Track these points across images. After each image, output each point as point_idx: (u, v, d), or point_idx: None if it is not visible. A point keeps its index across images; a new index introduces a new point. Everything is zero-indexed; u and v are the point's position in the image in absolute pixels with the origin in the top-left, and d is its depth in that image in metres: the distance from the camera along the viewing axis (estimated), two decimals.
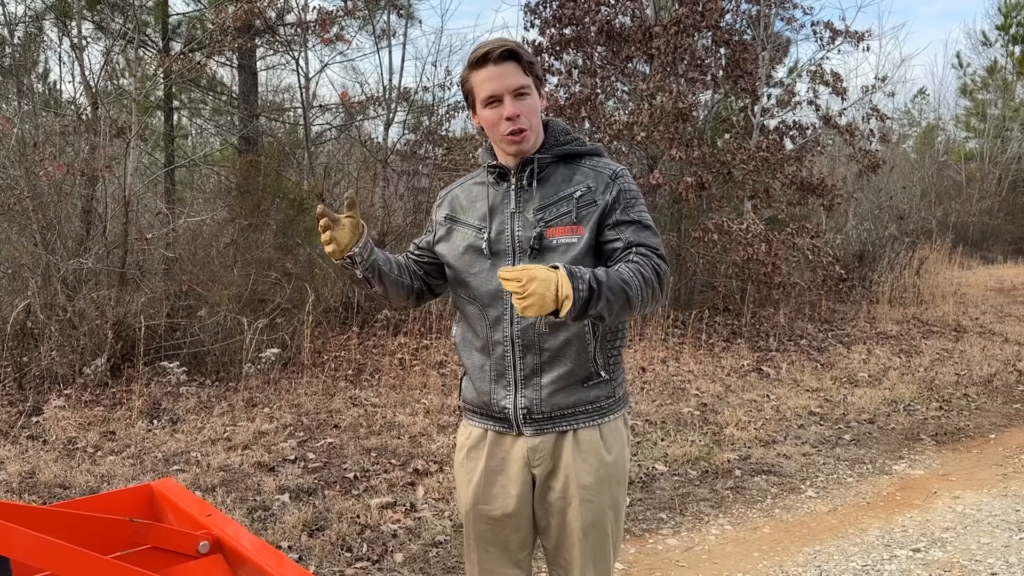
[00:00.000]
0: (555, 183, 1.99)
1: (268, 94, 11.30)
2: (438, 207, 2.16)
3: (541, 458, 2.02)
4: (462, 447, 2.14)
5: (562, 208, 1.96)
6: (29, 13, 8.42)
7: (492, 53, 1.91)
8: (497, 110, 1.93)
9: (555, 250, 1.94)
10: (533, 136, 1.97)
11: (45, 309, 5.99)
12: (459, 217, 2.08)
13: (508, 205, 2.01)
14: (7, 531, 1.38)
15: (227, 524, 1.79)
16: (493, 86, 1.92)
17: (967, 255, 15.21)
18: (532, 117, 1.95)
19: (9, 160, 6.44)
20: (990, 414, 6.14)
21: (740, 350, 7.81)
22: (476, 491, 2.07)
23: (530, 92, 1.95)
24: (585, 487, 2.00)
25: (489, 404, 2.04)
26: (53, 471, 4.31)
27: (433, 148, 9.40)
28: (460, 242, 2.05)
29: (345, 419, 5.40)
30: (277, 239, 7.78)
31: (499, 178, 2.04)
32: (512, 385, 2.00)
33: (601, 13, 8.64)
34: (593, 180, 1.98)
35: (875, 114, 9.93)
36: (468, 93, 2.00)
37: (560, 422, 1.99)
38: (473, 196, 2.08)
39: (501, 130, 1.94)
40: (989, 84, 22.11)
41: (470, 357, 2.09)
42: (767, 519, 4.15)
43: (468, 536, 2.14)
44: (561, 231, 1.95)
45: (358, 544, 3.65)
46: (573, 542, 2.02)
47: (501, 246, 1.99)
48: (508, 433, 2.04)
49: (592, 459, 2.01)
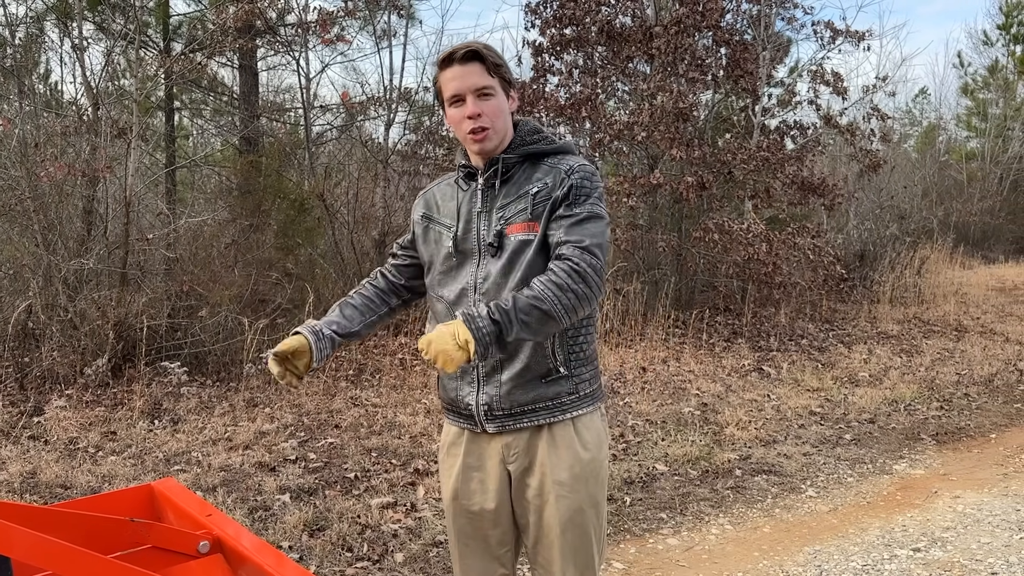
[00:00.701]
0: (518, 182, 2.02)
1: (269, 94, 11.32)
2: (416, 206, 2.21)
3: (516, 454, 2.04)
4: (443, 444, 2.19)
5: (520, 205, 1.99)
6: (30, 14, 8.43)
7: (456, 53, 1.96)
8: (460, 109, 1.98)
9: (511, 247, 1.97)
10: (497, 136, 2.00)
11: (46, 309, 6.00)
12: (434, 216, 2.13)
13: (475, 205, 2.04)
14: (8, 531, 1.38)
15: (228, 524, 1.80)
16: (456, 85, 1.96)
17: (968, 255, 15.21)
18: (496, 118, 1.98)
19: (10, 161, 6.45)
20: (991, 414, 6.14)
21: (741, 350, 7.81)
22: (455, 486, 2.11)
23: (494, 93, 1.98)
24: (560, 483, 2.00)
25: (456, 401, 2.07)
26: (54, 471, 4.32)
27: (434, 148, 9.40)
28: (432, 241, 2.11)
29: (346, 419, 5.41)
30: (278, 239, 7.79)
31: (468, 178, 2.08)
32: (475, 382, 2.03)
33: (601, 13, 8.64)
34: (551, 177, 1.99)
35: (876, 114, 9.92)
36: (438, 93, 2.05)
37: (520, 418, 2.00)
38: (447, 196, 2.13)
39: (463, 128, 1.99)
40: (990, 83, 22.09)
41: None
42: (767, 519, 4.15)
43: (450, 530, 2.18)
44: (518, 228, 1.97)
45: (359, 544, 3.65)
46: (552, 540, 2.02)
47: (468, 245, 2.03)
48: (474, 430, 2.07)
49: (567, 455, 2.01)
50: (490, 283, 1.98)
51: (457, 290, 2.03)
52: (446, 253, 2.06)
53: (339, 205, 9.08)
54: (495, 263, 1.98)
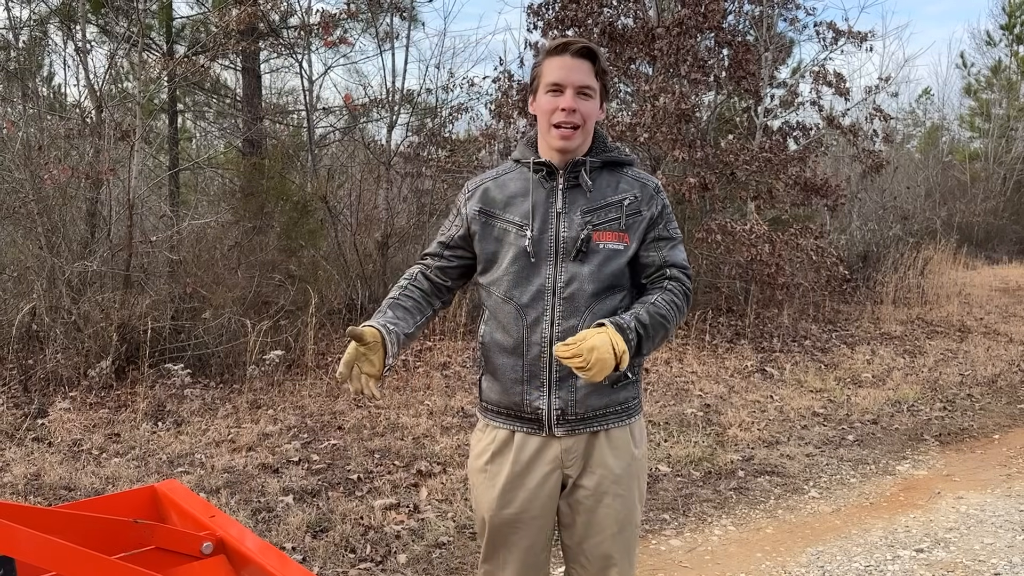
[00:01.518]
0: (601, 188, 2.00)
1: (272, 97, 11.34)
2: (468, 199, 2.08)
3: (574, 458, 2.02)
4: (484, 451, 2.08)
5: (611, 214, 1.98)
6: (34, 17, 8.46)
7: (572, 45, 1.94)
8: (556, 98, 1.94)
9: (600, 254, 1.96)
10: (580, 138, 1.97)
11: (50, 312, 6.02)
12: (495, 212, 2.03)
13: (554, 204, 1.99)
14: (13, 532, 1.39)
15: (231, 525, 1.80)
16: (561, 75, 1.93)
17: (972, 255, 15.15)
18: (587, 119, 1.96)
19: (14, 163, 6.46)
20: (994, 414, 6.13)
21: (744, 351, 7.81)
22: (502, 497, 2.03)
23: (593, 96, 1.96)
24: (617, 481, 2.02)
25: (520, 405, 2.00)
26: (58, 473, 4.33)
27: (436, 150, 9.40)
28: (498, 239, 2.02)
29: (349, 421, 5.41)
30: (281, 241, 7.80)
31: (547, 176, 2.01)
32: (545, 386, 1.98)
33: (603, 15, 8.64)
34: (639, 191, 2.02)
35: (879, 114, 9.90)
36: (535, 77, 2.00)
37: (592, 423, 2.00)
38: (510, 191, 2.04)
39: (552, 119, 1.94)
40: (993, 84, 22.04)
41: (500, 357, 2.03)
42: (770, 520, 4.15)
43: (489, 542, 2.08)
44: (609, 236, 1.97)
45: (362, 545, 3.66)
46: (605, 538, 2.03)
47: (544, 246, 1.97)
48: (537, 434, 2.01)
49: (624, 456, 2.04)
50: (575, 287, 1.95)
51: (532, 291, 1.97)
52: (519, 252, 1.98)
53: (342, 207, 9.10)
54: (580, 267, 1.95)
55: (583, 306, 1.95)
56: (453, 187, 9.35)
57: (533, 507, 2.03)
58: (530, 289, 1.97)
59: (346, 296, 8.20)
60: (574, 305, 1.95)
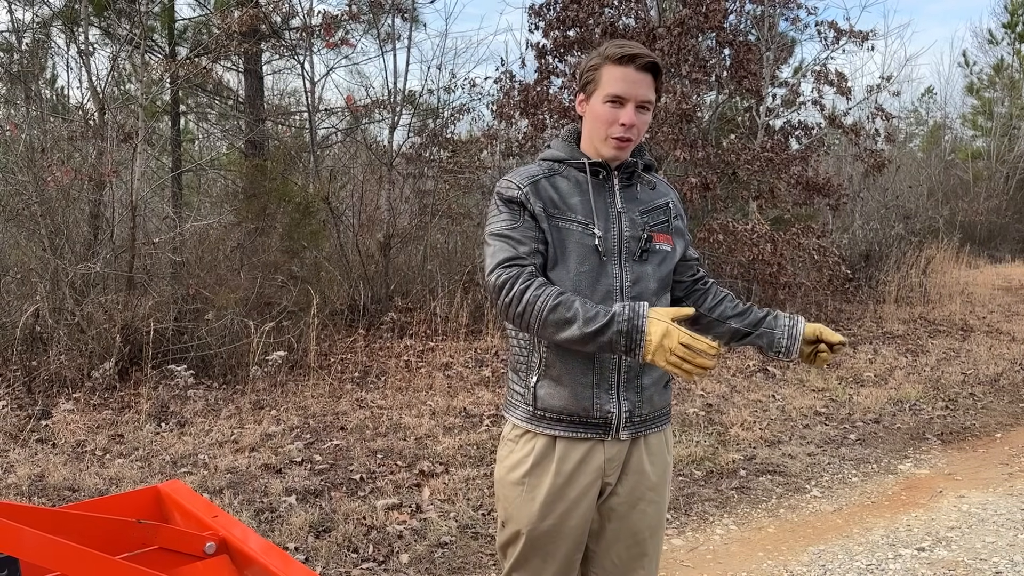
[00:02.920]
0: (646, 190, 2.06)
1: (274, 98, 11.35)
2: (527, 197, 1.93)
3: (615, 467, 2.00)
4: (520, 463, 1.99)
5: (660, 216, 2.04)
6: (37, 20, 8.48)
7: (640, 58, 1.90)
8: (616, 111, 1.92)
9: (658, 254, 2.00)
10: (631, 148, 2.00)
11: (54, 313, 6.04)
12: (558, 213, 1.95)
13: (614, 203, 1.98)
14: (17, 532, 1.40)
15: (234, 525, 1.81)
16: (624, 88, 1.91)
17: (974, 254, 15.14)
18: (642, 132, 1.99)
19: (17, 165, 6.49)
20: (996, 413, 6.13)
21: (745, 350, 7.81)
22: (544, 508, 1.97)
23: (650, 109, 1.98)
24: (653, 489, 2.04)
25: (588, 409, 1.94)
26: (62, 474, 4.34)
27: (438, 151, 9.42)
28: (562, 239, 1.93)
29: (351, 421, 5.43)
30: (283, 242, 7.81)
31: (605, 176, 2.00)
32: (614, 389, 1.95)
33: (605, 15, 8.65)
34: (674, 195, 2.11)
35: (880, 113, 9.90)
36: (591, 80, 1.95)
37: (651, 424, 2.02)
38: (564, 191, 1.97)
39: (611, 131, 1.94)
40: (996, 82, 22.01)
41: (567, 361, 1.93)
42: (772, 519, 4.16)
43: (527, 553, 2.02)
44: (662, 238, 2.02)
45: (364, 545, 3.67)
46: (640, 541, 2.04)
47: (609, 244, 1.95)
48: (591, 439, 1.96)
49: (659, 460, 2.06)
50: (641, 287, 1.95)
51: (602, 292, 1.92)
52: (587, 252, 1.92)
53: (344, 208, 9.11)
54: (643, 267, 1.97)
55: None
56: (455, 188, 9.37)
57: (573, 517, 1.98)
58: (600, 289, 1.92)
59: (348, 297, 8.21)
60: None
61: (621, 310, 1.77)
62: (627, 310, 1.76)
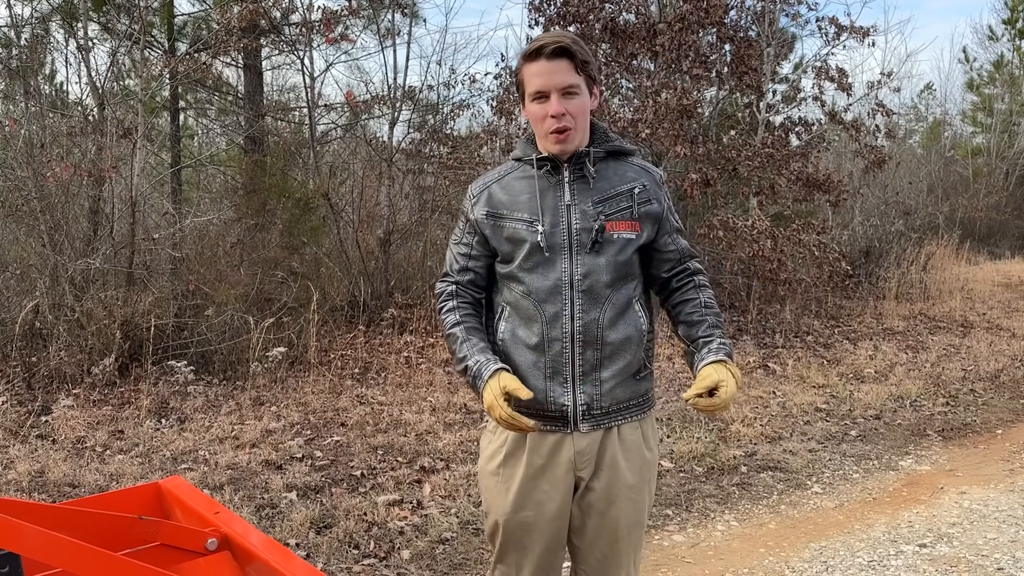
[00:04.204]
0: (608, 177, 2.00)
1: (273, 94, 11.32)
2: (474, 204, 2.06)
3: (587, 460, 2.00)
4: (496, 453, 2.06)
5: (622, 203, 1.99)
6: (36, 15, 8.46)
7: (545, 48, 1.90)
8: (543, 106, 1.93)
9: (614, 244, 1.96)
10: (578, 135, 1.97)
11: (53, 309, 6.03)
12: (503, 212, 2.02)
13: (562, 198, 1.98)
14: (18, 529, 1.40)
15: (235, 522, 1.81)
16: (542, 82, 1.91)
17: (974, 250, 15.12)
18: (579, 116, 1.94)
19: (17, 161, 6.47)
20: (997, 409, 6.13)
21: (746, 347, 7.80)
22: (517, 499, 2.01)
23: (579, 91, 1.94)
24: (630, 486, 2.01)
25: (543, 403, 1.97)
26: (62, 470, 4.34)
27: (438, 147, 9.40)
28: (510, 239, 2.00)
29: (352, 417, 5.42)
30: (283, 238, 7.81)
31: (552, 171, 2.00)
32: (569, 382, 1.97)
33: (605, 10, 8.63)
34: (647, 179, 2.03)
35: (881, 110, 9.88)
36: (519, 84, 1.99)
37: (615, 416, 1.99)
38: (514, 190, 2.02)
39: (545, 127, 1.94)
40: (996, 79, 21.98)
41: (521, 355, 2.00)
42: (773, 515, 4.16)
43: (504, 544, 2.07)
44: (622, 226, 1.97)
45: (365, 541, 3.66)
46: (615, 539, 2.03)
47: (557, 239, 1.96)
48: (556, 432, 1.99)
49: (635, 458, 2.03)
50: (592, 279, 1.95)
51: (548, 286, 1.96)
52: (533, 247, 1.96)
53: (344, 204, 9.10)
54: (595, 258, 1.95)
55: (602, 298, 1.96)
56: (455, 184, 9.35)
57: (547, 509, 2.01)
58: (546, 284, 1.96)
59: (348, 293, 8.20)
60: (593, 297, 1.96)
61: (472, 365, 1.95)
62: (476, 367, 1.95)
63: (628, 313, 1.99)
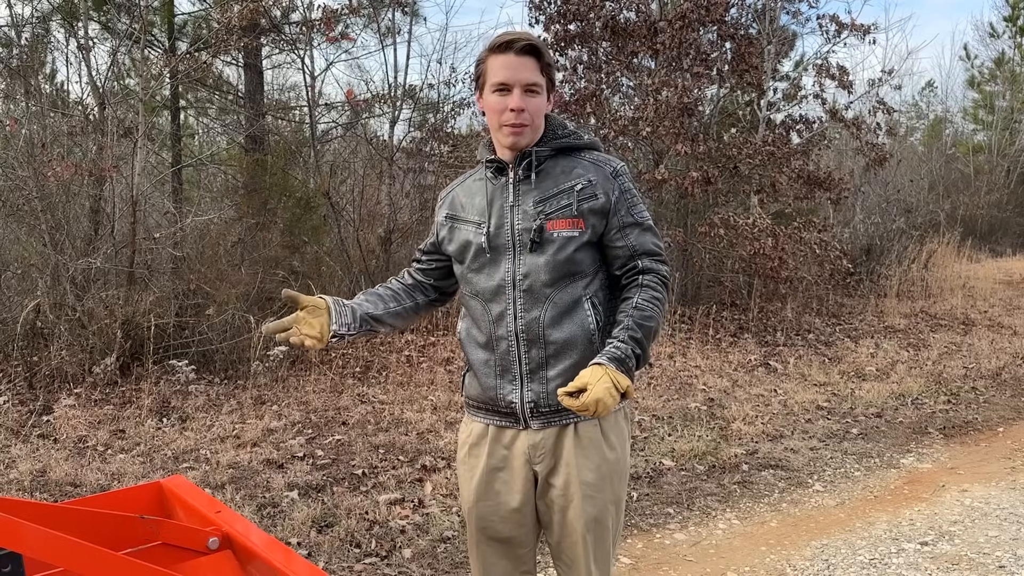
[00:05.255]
0: (554, 176, 2.00)
1: (274, 93, 11.32)
2: (439, 208, 2.17)
3: (542, 455, 2.02)
4: (463, 444, 2.14)
5: (562, 201, 1.97)
6: (36, 14, 8.46)
7: (516, 43, 1.93)
8: (504, 98, 1.94)
9: (554, 243, 1.96)
10: (531, 133, 1.98)
11: (54, 309, 6.03)
12: (459, 215, 2.09)
13: (506, 199, 2.01)
14: (19, 528, 1.40)
15: (236, 520, 1.81)
16: (507, 75, 1.93)
17: (975, 248, 15.11)
18: (536, 115, 1.97)
19: (17, 161, 6.47)
20: (998, 407, 6.13)
21: (747, 345, 7.80)
22: (478, 488, 2.07)
23: (540, 92, 1.96)
24: (587, 484, 2.00)
25: (495, 399, 2.03)
26: (64, 469, 4.34)
27: (439, 145, 9.39)
28: (462, 239, 2.07)
29: (353, 416, 5.42)
30: (284, 237, 7.81)
31: (497, 172, 2.04)
32: (518, 379, 2.00)
33: (606, 8, 8.62)
34: (594, 174, 2.00)
35: (882, 107, 9.87)
36: (480, 74, 2.00)
37: (567, 415, 1.98)
38: (472, 192, 2.09)
39: (502, 118, 1.95)
40: (997, 76, 21.97)
41: (474, 352, 2.08)
42: (774, 513, 4.16)
43: (471, 533, 2.14)
44: (562, 224, 1.96)
45: (367, 540, 3.67)
46: (575, 539, 2.02)
47: (501, 240, 2.00)
48: (511, 428, 2.04)
49: (594, 455, 2.01)
50: (532, 279, 1.97)
51: (493, 286, 2.00)
52: (477, 249, 2.02)
53: (344, 203, 9.10)
54: (536, 258, 1.96)
55: (543, 297, 1.96)
56: None
57: (508, 500, 2.05)
58: (491, 284, 2.00)
59: (349, 292, 8.20)
60: (534, 297, 1.97)
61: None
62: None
63: (575, 312, 1.97)
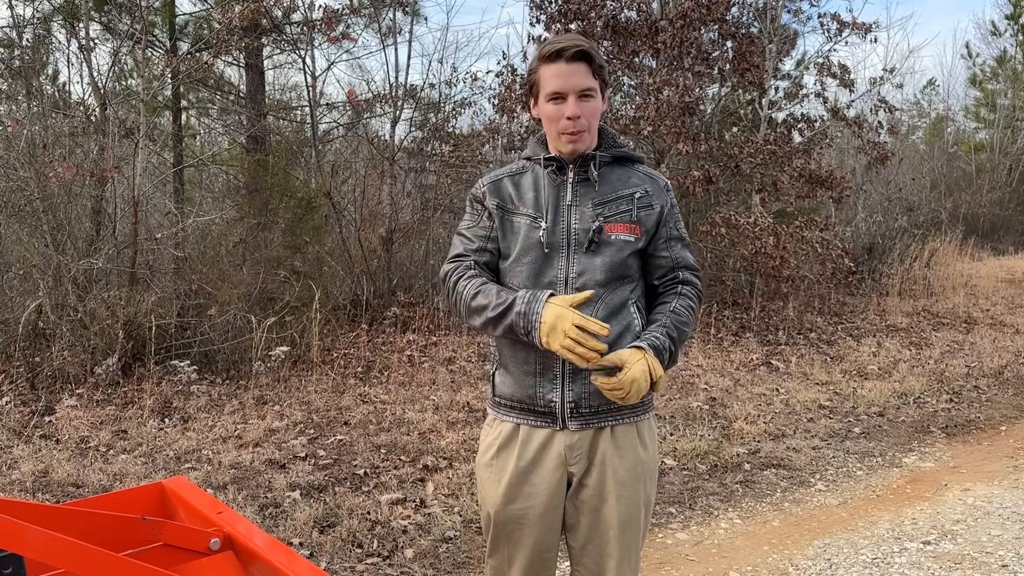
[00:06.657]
0: (611, 181, 2.04)
1: (275, 93, 11.33)
2: (485, 195, 2.08)
3: (578, 456, 2.00)
4: (490, 446, 2.09)
5: (622, 206, 2.02)
6: (37, 15, 8.46)
7: (566, 51, 1.94)
8: (560, 107, 1.96)
9: (612, 245, 1.99)
10: (589, 138, 2.01)
11: (56, 309, 6.03)
12: (510, 207, 2.06)
13: (564, 198, 2.02)
14: (21, 530, 1.40)
15: (238, 521, 1.81)
16: (560, 83, 1.95)
17: (977, 246, 15.09)
18: (592, 119, 1.99)
19: (19, 161, 6.48)
20: (1001, 406, 6.12)
21: (749, 344, 7.80)
22: (507, 491, 2.03)
23: (594, 95, 1.98)
24: (622, 483, 2.00)
25: (533, 398, 2.00)
26: (66, 470, 4.34)
27: (440, 145, 9.39)
28: (516, 232, 2.04)
29: (355, 416, 5.42)
30: (285, 237, 7.81)
31: (557, 171, 2.04)
32: (559, 379, 1.98)
33: (607, 8, 8.62)
34: (650, 186, 2.06)
35: (883, 106, 9.86)
36: (533, 84, 2.02)
37: (606, 416, 1.99)
38: (523, 187, 2.07)
39: (560, 127, 1.97)
40: (999, 74, 21.94)
41: (513, 351, 2.02)
42: (777, 513, 4.15)
43: (496, 538, 2.09)
44: (620, 228, 2.00)
45: (369, 540, 3.66)
46: (607, 539, 2.02)
47: (556, 238, 2.00)
48: (545, 428, 2.01)
49: (629, 455, 2.02)
50: (586, 278, 1.97)
51: (545, 284, 1.99)
52: (532, 244, 2.00)
53: (346, 203, 9.10)
54: (591, 259, 1.98)
55: (595, 297, 1.96)
56: (457, 182, 9.35)
57: (538, 503, 2.02)
58: (543, 281, 1.99)
59: (351, 292, 8.21)
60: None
61: (524, 294, 1.92)
62: (528, 295, 1.91)
63: (622, 314, 1.99)
